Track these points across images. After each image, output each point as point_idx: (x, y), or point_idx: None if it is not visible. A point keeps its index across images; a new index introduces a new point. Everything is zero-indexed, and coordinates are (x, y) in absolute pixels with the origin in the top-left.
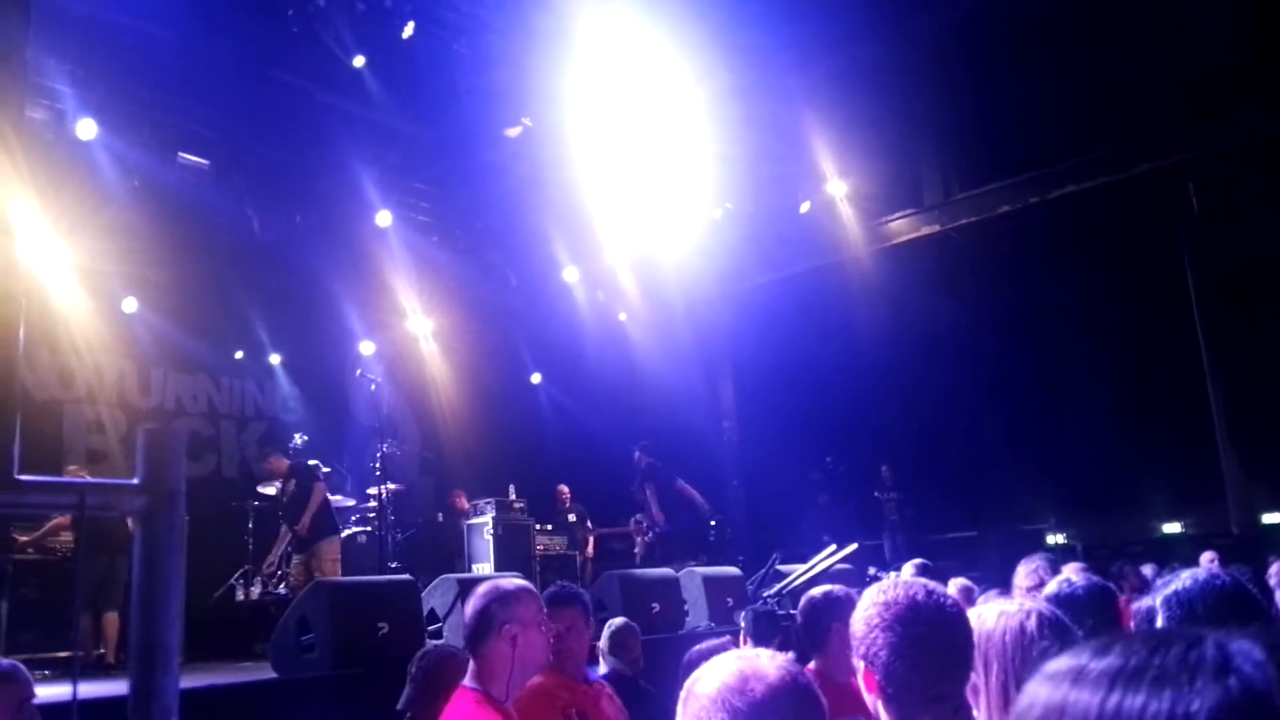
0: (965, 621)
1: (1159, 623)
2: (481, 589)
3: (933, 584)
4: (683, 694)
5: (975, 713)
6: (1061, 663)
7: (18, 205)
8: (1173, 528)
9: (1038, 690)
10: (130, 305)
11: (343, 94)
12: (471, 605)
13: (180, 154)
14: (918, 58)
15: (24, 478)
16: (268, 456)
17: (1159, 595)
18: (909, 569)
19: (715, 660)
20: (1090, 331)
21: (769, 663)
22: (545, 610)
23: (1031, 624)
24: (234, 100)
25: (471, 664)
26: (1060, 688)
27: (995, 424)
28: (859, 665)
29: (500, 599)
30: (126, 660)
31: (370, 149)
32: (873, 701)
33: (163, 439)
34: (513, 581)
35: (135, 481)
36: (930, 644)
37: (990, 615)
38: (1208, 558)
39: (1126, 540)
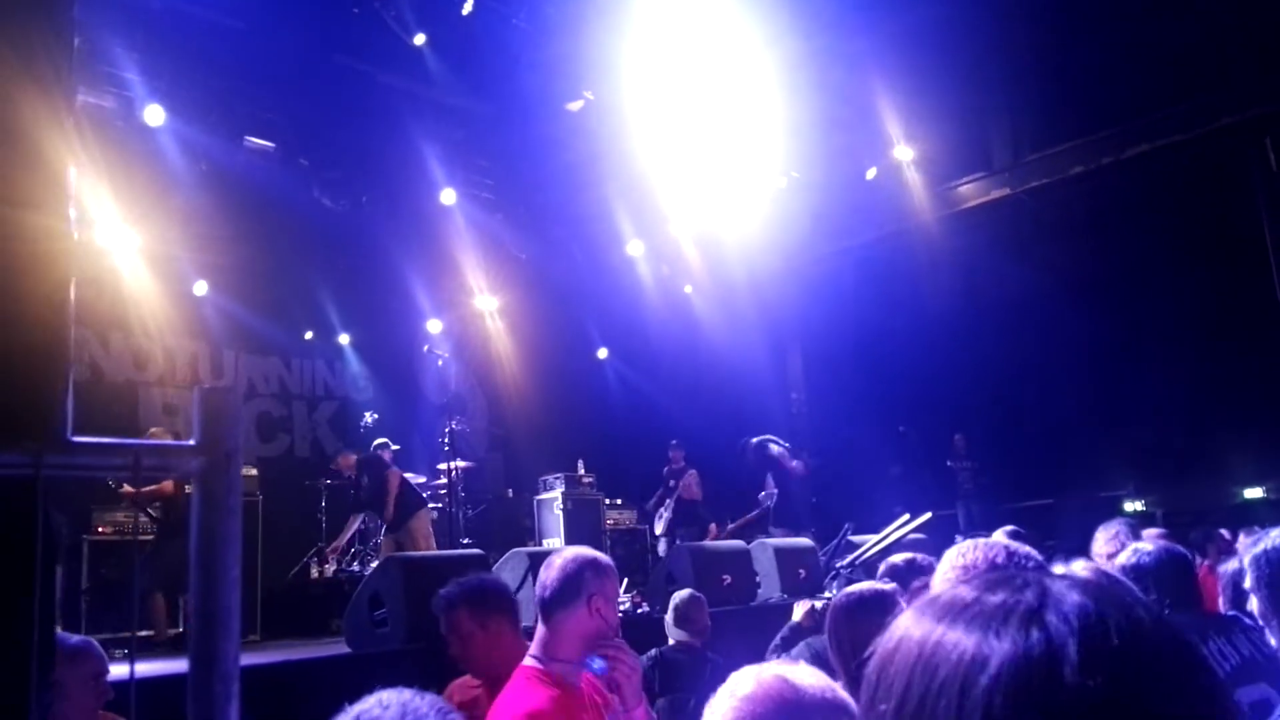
0: None
1: (1247, 584)
2: (570, 554)
3: (1015, 544)
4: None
5: None
6: (923, 598)
7: (89, 191)
8: (1254, 493)
9: (898, 621)
10: (201, 288)
11: (404, 74)
12: (559, 568)
13: (247, 138)
14: (986, 17)
15: (77, 439)
16: (336, 457)
17: (1248, 555)
18: (1000, 535)
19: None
20: (1167, 294)
21: (809, 676)
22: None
23: None
24: (298, 83)
25: (542, 631)
26: (908, 619)
27: (1071, 390)
28: None
29: (593, 567)
30: None
31: (433, 128)
32: None
33: (219, 399)
34: (602, 555)
35: (191, 442)
36: None
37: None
38: None
39: (1207, 506)
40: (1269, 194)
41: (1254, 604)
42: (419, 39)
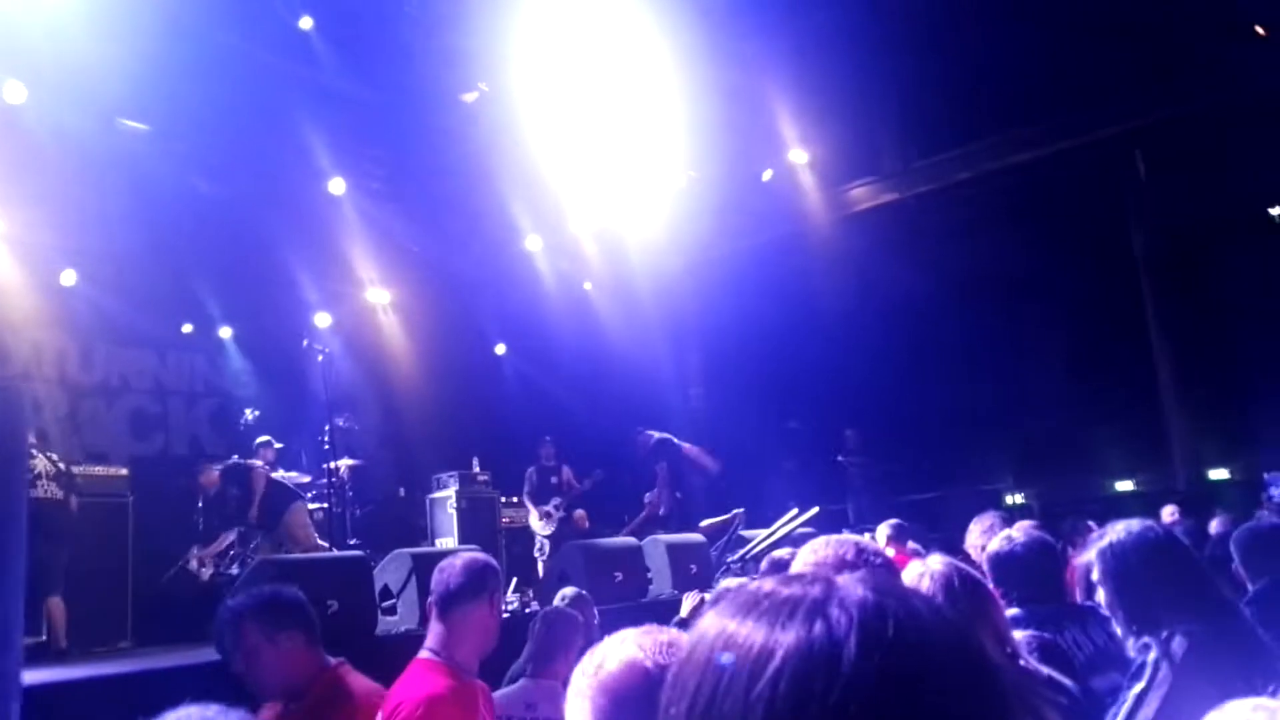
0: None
1: (1094, 576)
2: (470, 555)
3: (866, 541)
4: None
5: None
6: (726, 595)
7: None
8: (1125, 486)
9: (700, 620)
10: (69, 278)
11: (291, 57)
12: (464, 567)
13: (118, 118)
14: (879, 26)
15: None
16: (198, 475)
17: (1094, 548)
18: (884, 529)
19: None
20: (1045, 296)
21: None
22: None
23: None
24: (175, 62)
25: (439, 628)
26: (708, 617)
27: (955, 387)
28: None
29: (493, 568)
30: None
31: (321, 114)
32: None
33: (5, 391)
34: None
35: None
36: None
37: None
38: (1169, 511)
39: (1080, 498)
40: (1137, 203)
41: (1101, 595)
42: (305, 22)
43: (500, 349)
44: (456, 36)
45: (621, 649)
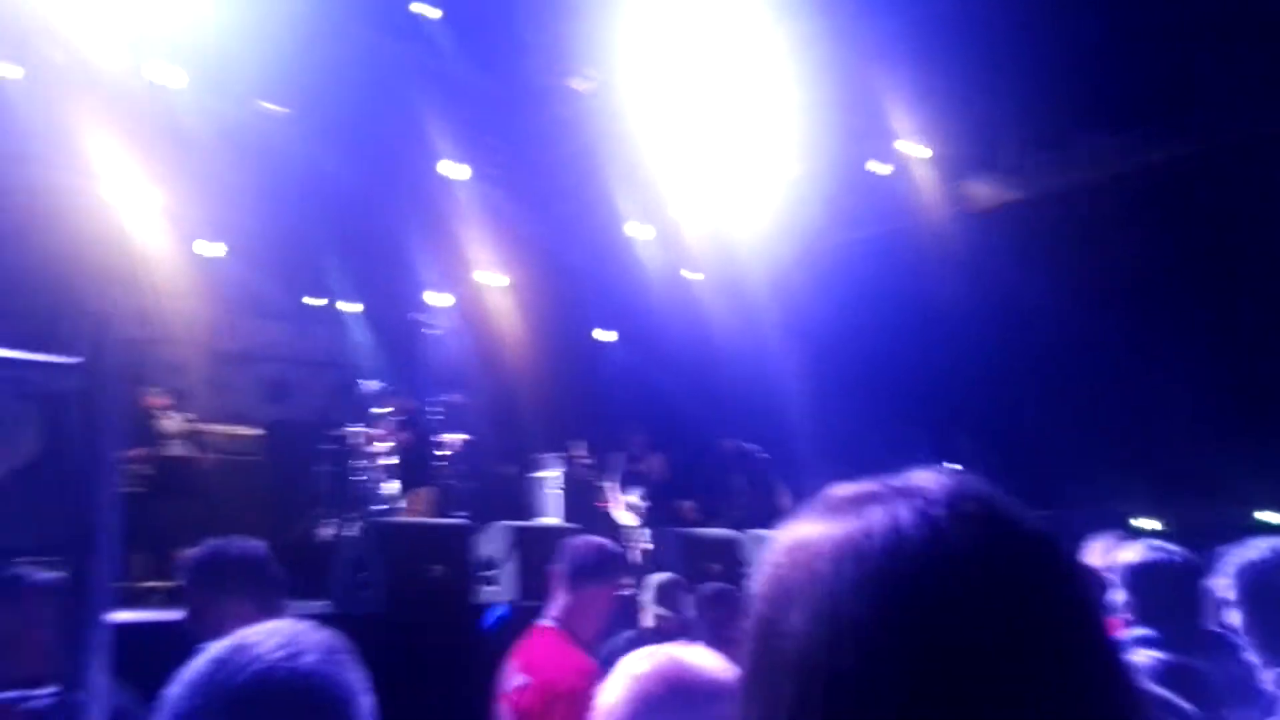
0: None
1: (1230, 597)
2: (601, 540)
3: None
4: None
5: None
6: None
7: (104, 150)
8: (1271, 516)
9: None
10: (210, 249)
11: (417, 46)
12: (597, 547)
13: (260, 102)
14: (1002, 11)
15: None
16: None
17: (1230, 565)
18: None
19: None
20: (1180, 306)
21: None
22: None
23: None
24: (312, 50)
25: (567, 599)
26: (785, 529)
27: (1077, 400)
28: None
29: (621, 556)
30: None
31: (444, 101)
32: None
33: (102, 321)
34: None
35: (75, 360)
36: None
37: None
38: None
39: (1218, 527)
40: None
41: (1236, 618)
42: (431, 11)
43: (607, 336)
44: (572, 26)
45: (680, 650)
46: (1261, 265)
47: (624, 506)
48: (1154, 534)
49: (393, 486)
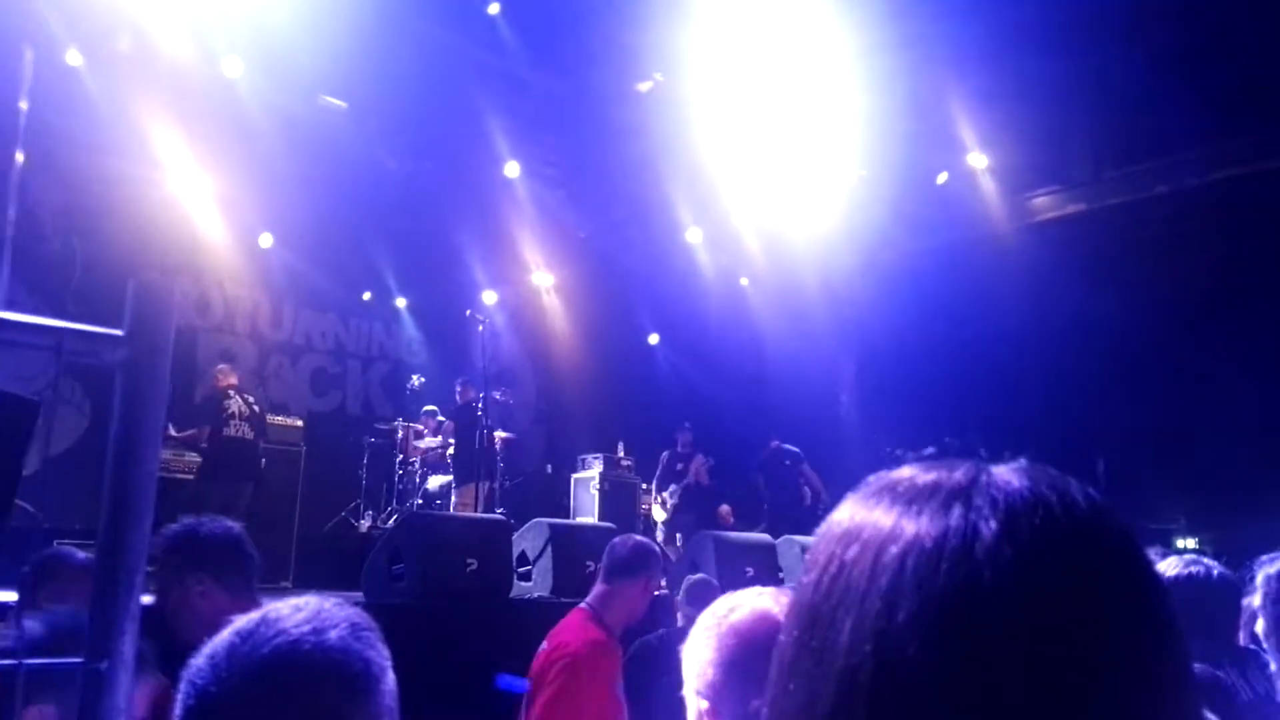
0: None
1: (1256, 601)
2: (640, 539)
3: None
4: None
5: None
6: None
7: (168, 139)
8: None
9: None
10: (266, 240)
11: (478, 43)
12: (633, 545)
13: (320, 95)
14: (1074, 23)
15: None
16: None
17: (1261, 572)
18: None
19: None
20: (1241, 326)
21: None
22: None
23: None
24: (373, 44)
25: (602, 589)
26: (842, 507)
27: (1133, 417)
28: None
29: (656, 555)
30: None
31: (502, 99)
32: None
33: (153, 291)
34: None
35: (120, 332)
36: None
37: None
38: None
39: (1264, 548)
40: None
41: (1260, 625)
42: (493, 8)
43: (654, 339)
44: (635, 28)
45: (758, 600)
46: None
47: (661, 506)
48: (1193, 550)
49: (437, 480)
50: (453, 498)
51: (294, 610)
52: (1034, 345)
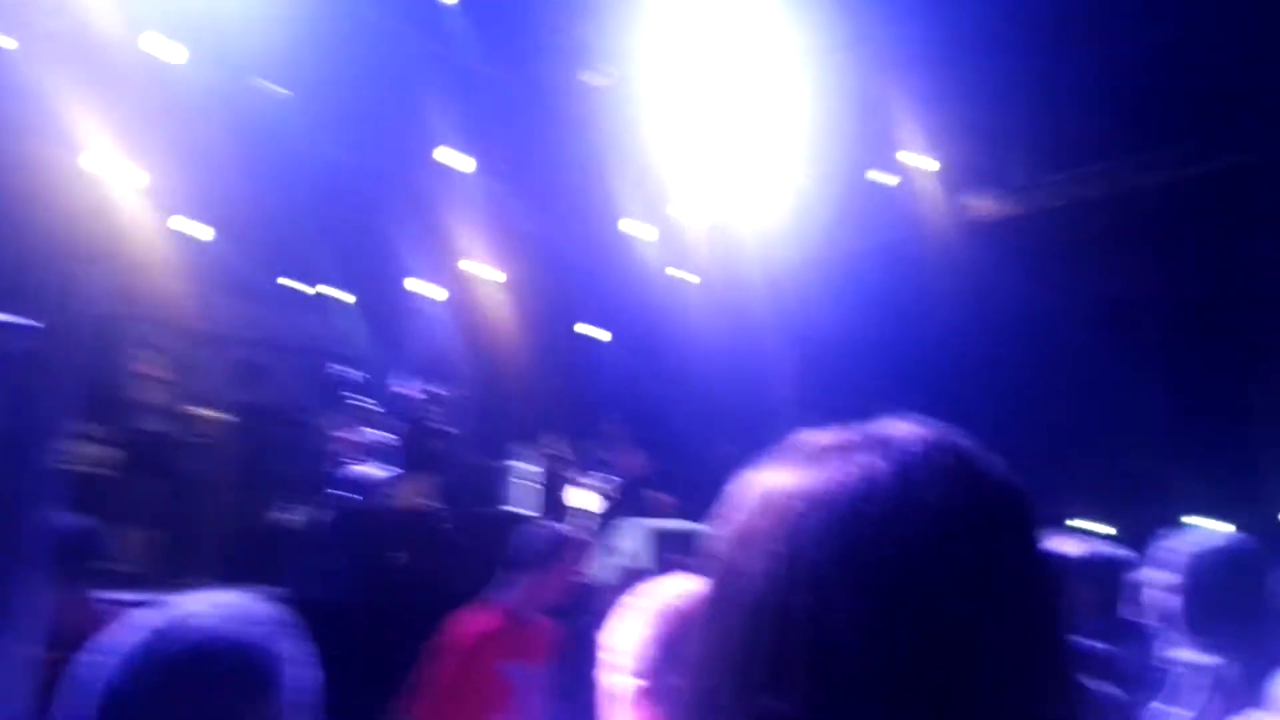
0: None
1: (1159, 581)
2: (546, 527)
3: None
4: None
5: None
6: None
7: (96, 123)
8: (1212, 524)
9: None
10: (196, 228)
11: (426, 32)
12: (534, 534)
13: (261, 81)
14: (1016, 31)
15: None
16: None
17: (1165, 552)
18: None
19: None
20: (1175, 325)
21: None
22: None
23: None
24: (318, 30)
25: (512, 580)
26: (749, 478)
27: (1055, 412)
28: None
29: (562, 541)
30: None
31: (450, 90)
32: None
33: (73, 281)
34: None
35: (37, 323)
36: None
37: None
38: None
39: (1163, 537)
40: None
41: (1169, 606)
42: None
43: (598, 333)
44: (586, 22)
45: (691, 582)
46: (1249, 291)
47: (590, 495)
48: (1098, 535)
49: (367, 473)
50: (400, 491)
51: (212, 607)
52: (974, 342)
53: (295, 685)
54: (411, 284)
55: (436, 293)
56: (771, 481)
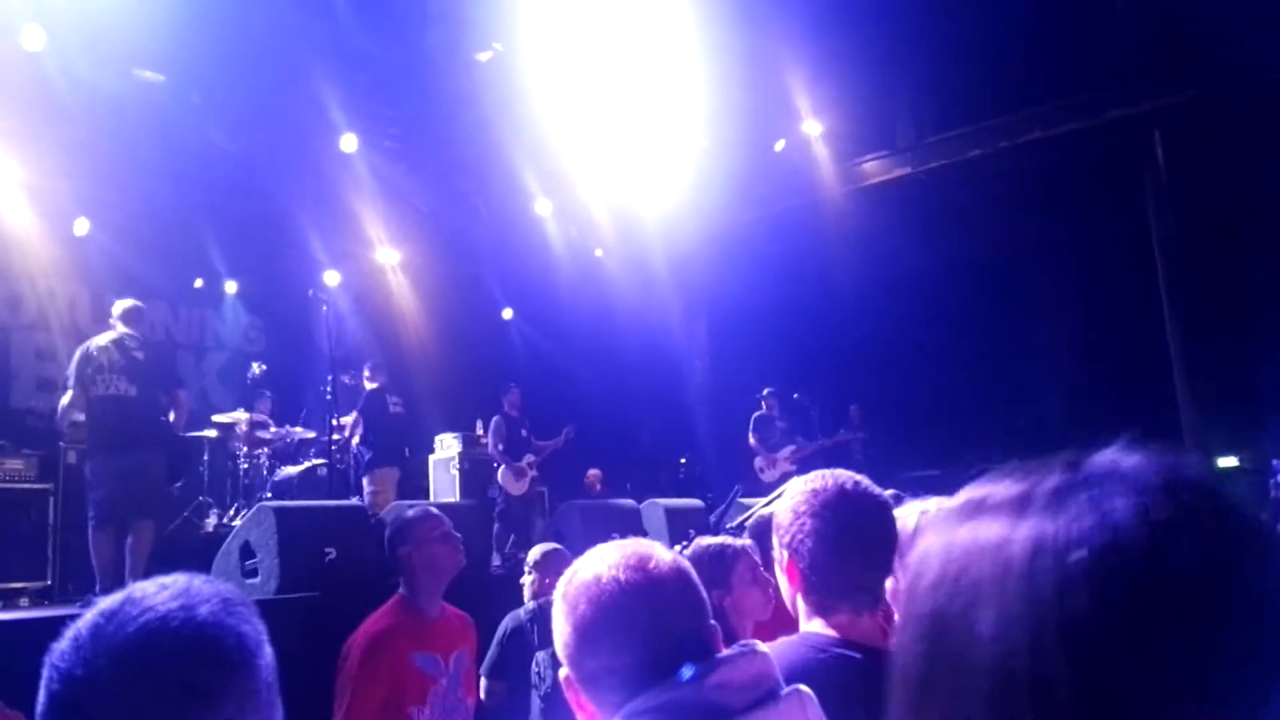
0: (891, 516)
1: None
2: (408, 506)
3: (860, 476)
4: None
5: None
6: (953, 503)
7: None
8: None
9: (932, 538)
10: (83, 227)
11: (308, 12)
12: (393, 519)
13: (135, 69)
14: None
15: None
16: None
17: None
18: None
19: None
20: (1056, 279)
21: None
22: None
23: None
24: (192, 13)
25: (399, 568)
26: (928, 535)
27: (961, 367)
28: (783, 556)
29: (420, 519)
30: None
31: (337, 71)
32: (791, 595)
33: None
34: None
35: None
36: (856, 531)
37: (910, 516)
38: None
39: None
40: (1156, 187)
41: None
42: None
43: (507, 313)
44: None
45: (596, 561)
46: (1131, 242)
47: (511, 474)
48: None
49: (288, 471)
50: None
51: (160, 588)
52: (867, 303)
53: (255, 664)
54: (316, 273)
55: (340, 279)
56: (976, 535)
